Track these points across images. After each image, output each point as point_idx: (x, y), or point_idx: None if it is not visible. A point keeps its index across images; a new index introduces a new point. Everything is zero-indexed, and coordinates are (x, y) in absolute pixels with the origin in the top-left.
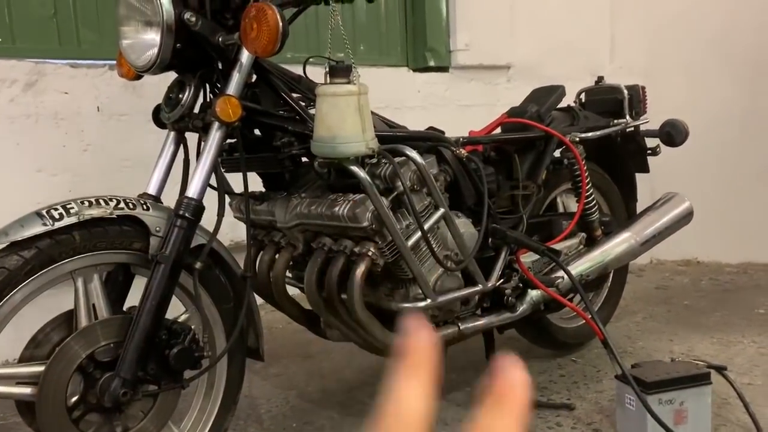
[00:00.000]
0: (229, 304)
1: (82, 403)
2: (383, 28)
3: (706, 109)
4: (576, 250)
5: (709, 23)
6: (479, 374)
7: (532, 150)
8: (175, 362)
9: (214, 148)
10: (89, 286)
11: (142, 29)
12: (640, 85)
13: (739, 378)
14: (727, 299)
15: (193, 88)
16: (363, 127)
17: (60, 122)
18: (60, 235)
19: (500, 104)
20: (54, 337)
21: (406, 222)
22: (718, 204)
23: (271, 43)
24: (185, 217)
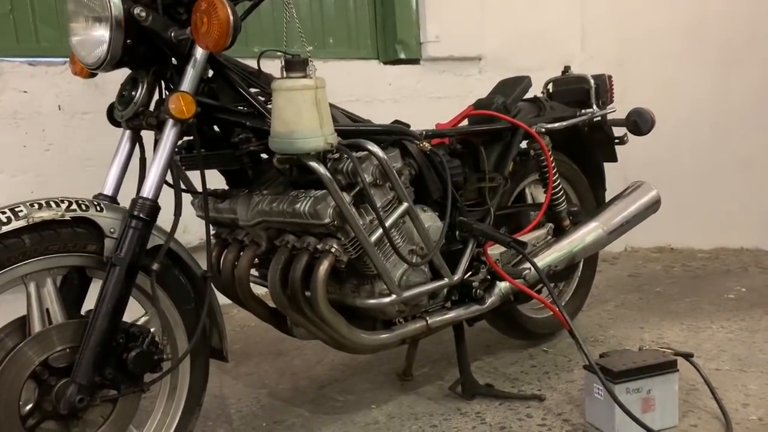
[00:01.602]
0: (190, 305)
1: (36, 410)
2: (352, 20)
3: (678, 98)
4: (544, 240)
5: (680, 12)
6: (452, 367)
7: (499, 142)
8: (133, 366)
9: (169, 146)
10: (42, 290)
11: (92, 25)
12: (606, 75)
13: (706, 363)
14: (698, 285)
15: (146, 85)
16: (321, 122)
17: (20, 122)
18: (8, 239)
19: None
20: (8, 343)
21: (369, 217)
22: (690, 190)
23: (222, 38)
24: (140, 218)
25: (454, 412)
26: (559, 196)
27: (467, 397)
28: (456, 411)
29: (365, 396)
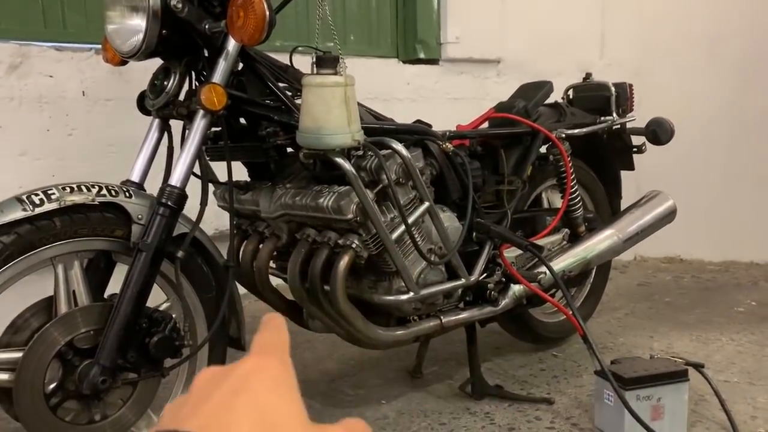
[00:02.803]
0: (210, 294)
1: (60, 390)
2: (374, 18)
3: (694, 108)
4: (559, 245)
5: (699, 23)
6: (461, 367)
7: (519, 145)
8: (155, 350)
9: (199, 136)
10: (69, 272)
11: (128, 14)
12: (627, 83)
13: (716, 375)
14: (708, 297)
15: (178, 76)
16: (349, 119)
17: (44, 106)
18: (40, 221)
19: (489, 98)
20: (33, 323)
21: (390, 215)
22: (702, 202)
23: (257, 32)
24: (168, 206)
25: (463, 411)
26: (576, 201)
27: (476, 397)
28: (465, 410)
29: (375, 391)
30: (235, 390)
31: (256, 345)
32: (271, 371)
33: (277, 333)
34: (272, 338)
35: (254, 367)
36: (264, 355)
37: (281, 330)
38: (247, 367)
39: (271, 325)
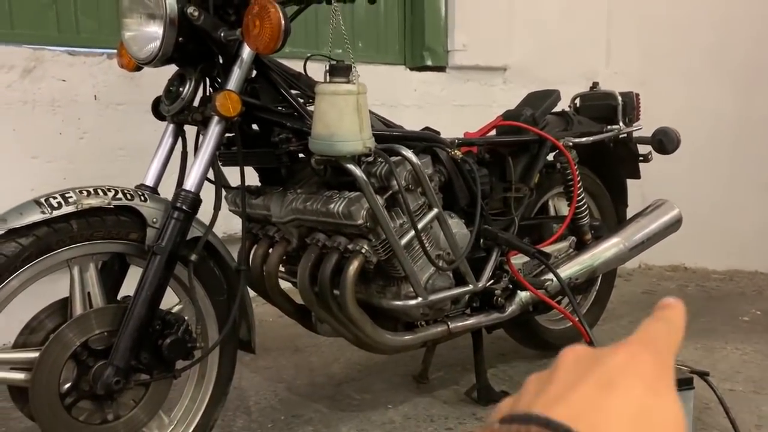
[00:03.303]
0: (222, 297)
1: (74, 390)
2: (382, 26)
3: (699, 117)
4: (566, 253)
5: (704, 32)
6: (467, 373)
7: (526, 153)
8: (167, 352)
9: (213, 142)
10: (85, 274)
11: (145, 22)
12: (634, 92)
13: (721, 384)
14: (713, 306)
15: (193, 82)
16: (361, 126)
17: (57, 109)
18: (58, 224)
19: (496, 105)
20: (48, 324)
21: (399, 221)
22: (707, 211)
23: (273, 41)
24: (182, 210)
25: (468, 417)
26: (582, 209)
27: (482, 403)
28: (471, 416)
29: (381, 396)
30: (607, 383)
31: (640, 332)
32: (647, 368)
33: (668, 325)
34: (660, 330)
35: (628, 359)
36: (640, 346)
37: (675, 322)
38: (619, 360)
39: (665, 314)
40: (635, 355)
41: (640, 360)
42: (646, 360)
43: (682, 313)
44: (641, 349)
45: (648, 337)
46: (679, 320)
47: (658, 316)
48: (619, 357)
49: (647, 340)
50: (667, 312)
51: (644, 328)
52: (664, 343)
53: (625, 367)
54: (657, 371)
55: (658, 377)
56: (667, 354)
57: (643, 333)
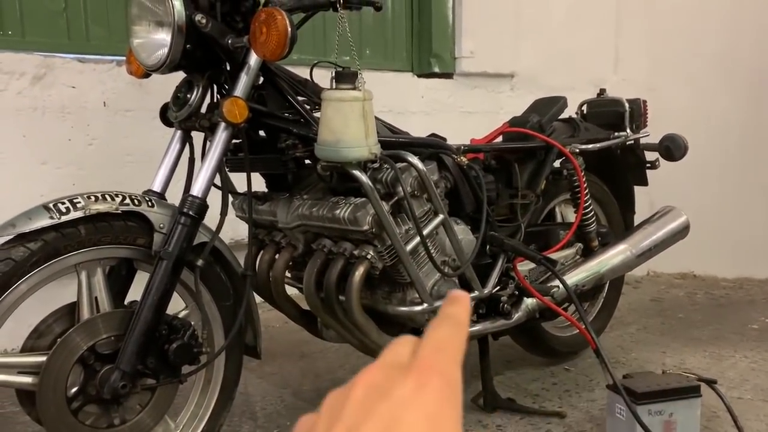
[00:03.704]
0: (228, 302)
1: (81, 394)
2: (389, 33)
3: (707, 124)
4: (572, 260)
5: (712, 38)
6: (473, 379)
7: (533, 160)
8: (174, 357)
9: (220, 148)
10: (92, 279)
11: (154, 29)
12: (641, 99)
13: (729, 392)
14: (722, 314)
15: (201, 89)
16: (366, 133)
17: (66, 116)
18: (66, 229)
19: (503, 112)
20: (56, 328)
21: (405, 227)
22: (716, 218)
23: (279, 48)
24: (189, 215)
25: (475, 424)
26: (589, 216)
27: (488, 410)
28: (477, 423)
29: None
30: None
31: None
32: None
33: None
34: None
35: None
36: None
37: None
38: (406, 391)
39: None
40: (423, 382)
41: (427, 387)
42: (433, 386)
43: (466, 308)
44: (429, 372)
45: (435, 350)
46: (464, 317)
47: (444, 314)
48: (407, 387)
49: (435, 356)
50: (453, 309)
51: (432, 335)
52: (451, 350)
53: (411, 400)
54: (442, 397)
55: (443, 405)
56: (453, 368)
57: (430, 344)
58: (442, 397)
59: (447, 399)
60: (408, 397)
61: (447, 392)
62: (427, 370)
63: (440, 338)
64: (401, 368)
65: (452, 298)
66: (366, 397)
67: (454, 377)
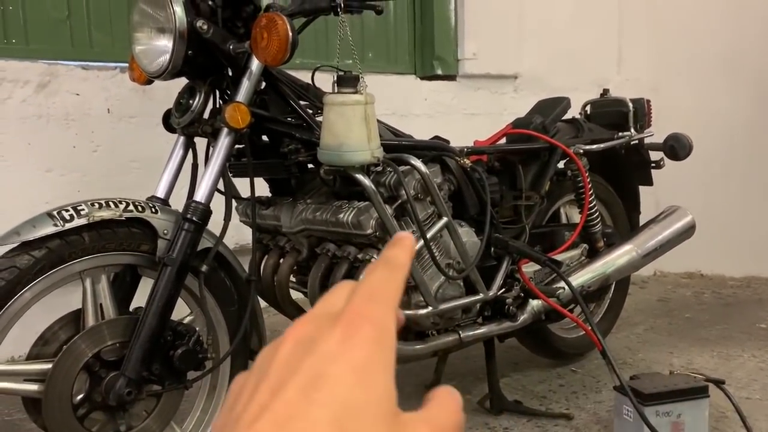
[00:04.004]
0: (233, 307)
1: (87, 401)
2: (391, 35)
3: (712, 123)
4: (578, 261)
5: (716, 38)
6: (479, 382)
7: (536, 161)
8: (179, 363)
9: (223, 153)
10: (97, 286)
11: (155, 36)
12: (645, 99)
13: (737, 392)
14: (729, 313)
15: (203, 94)
16: (369, 136)
17: (71, 123)
18: (70, 236)
19: (507, 113)
20: (61, 335)
21: (409, 230)
22: (723, 217)
23: (281, 53)
24: (193, 221)
25: (482, 427)
26: (594, 217)
27: (495, 413)
28: (484, 425)
29: None
30: (315, 379)
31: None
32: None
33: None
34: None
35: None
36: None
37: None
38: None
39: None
40: (350, 332)
41: (354, 338)
42: (361, 336)
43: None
44: (357, 321)
45: (367, 296)
46: (404, 259)
47: (384, 257)
48: (333, 340)
49: (366, 303)
50: (393, 251)
51: (366, 280)
52: (384, 296)
53: (337, 352)
54: (371, 347)
55: (372, 356)
56: (386, 314)
57: (363, 290)
58: (371, 347)
59: (376, 349)
60: (334, 350)
61: (377, 342)
62: (356, 320)
63: (374, 283)
64: (331, 318)
65: (395, 240)
66: (292, 352)
67: (385, 325)
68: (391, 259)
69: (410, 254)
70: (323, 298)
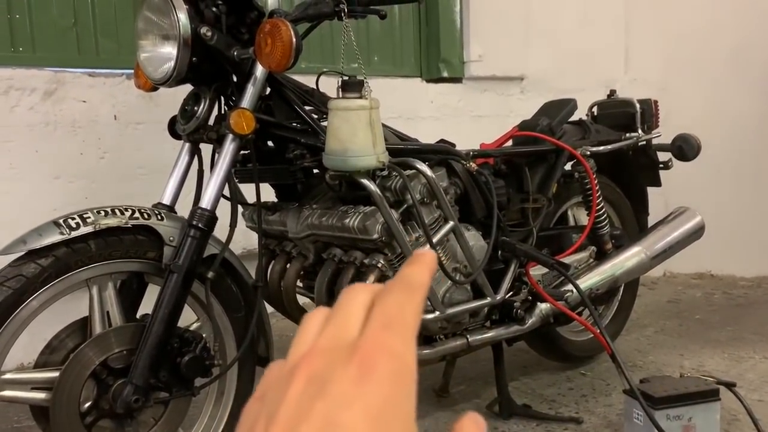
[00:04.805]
0: (240, 313)
1: (95, 408)
2: (397, 38)
3: (721, 123)
4: (586, 263)
5: (725, 36)
6: (488, 386)
7: (543, 163)
8: (186, 370)
9: (228, 159)
10: (104, 294)
11: (160, 43)
12: (652, 99)
13: (749, 394)
14: (740, 314)
15: (208, 101)
16: (374, 141)
17: (78, 130)
18: (76, 244)
19: (513, 115)
20: (69, 343)
21: (415, 234)
22: (733, 217)
23: (284, 59)
24: (198, 228)
25: (491, 431)
26: (602, 219)
27: (504, 417)
28: (493, 430)
29: None
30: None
31: (379, 315)
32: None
33: (408, 294)
34: (398, 303)
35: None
36: (376, 349)
37: (417, 283)
38: (347, 383)
39: (407, 274)
40: (367, 368)
41: (371, 377)
42: (379, 374)
43: (428, 267)
44: (375, 356)
45: (385, 324)
46: (423, 278)
47: (401, 276)
48: (348, 377)
49: (384, 333)
50: (411, 269)
51: (382, 303)
52: (402, 323)
53: (351, 395)
54: (390, 385)
55: (390, 397)
56: (405, 344)
57: (379, 313)
58: (390, 387)
59: (395, 389)
60: (348, 393)
61: (395, 380)
62: (372, 354)
63: (391, 309)
64: (345, 350)
65: (414, 257)
66: (304, 391)
67: (405, 358)
68: (409, 278)
69: (430, 273)
70: (335, 313)
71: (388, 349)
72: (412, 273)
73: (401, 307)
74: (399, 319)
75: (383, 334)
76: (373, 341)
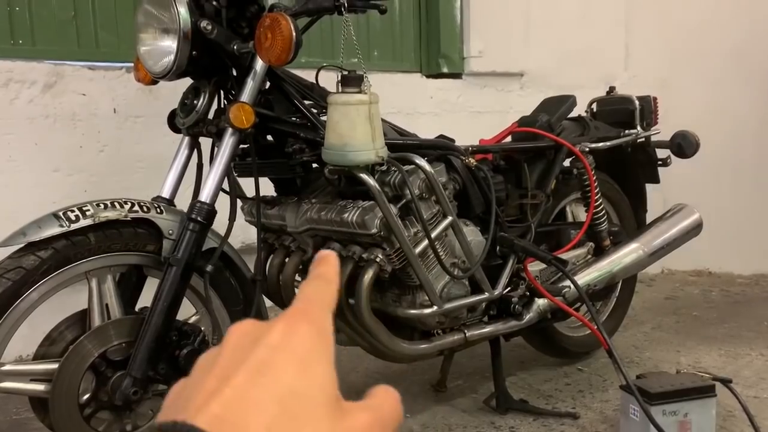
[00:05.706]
0: (238, 307)
1: (93, 400)
2: (397, 34)
3: (721, 121)
4: (584, 259)
5: (725, 33)
6: (485, 381)
7: (542, 159)
8: (184, 363)
9: (227, 153)
10: (103, 286)
11: (160, 36)
12: (651, 96)
13: (745, 391)
14: (737, 311)
15: (207, 95)
16: (373, 136)
17: (77, 123)
18: (76, 237)
19: (513, 111)
20: (68, 335)
21: (414, 229)
22: (731, 214)
23: (284, 53)
24: (197, 221)
25: (487, 426)
26: (600, 215)
27: (501, 412)
28: (490, 424)
29: None
30: (261, 368)
31: (299, 296)
32: (301, 340)
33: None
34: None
35: (284, 333)
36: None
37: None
38: (276, 336)
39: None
40: (292, 328)
41: (296, 332)
42: (302, 331)
43: (334, 266)
44: (298, 319)
45: (306, 300)
46: (333, 274)
47: (315, 274)
48: (276, 333)
49: (305, 305)
50: (322, 268)
51: (302, 291)
52: (320, 303)
53: (280, 344)
54: (311, 341)
55: (312, 348)
56: (323, 316)
57: (301, 297)
58: (312, 340)
59: (317, 344)
60: (278, 342)
61: (316, 338)
62: (297, 316)
63: (311, 292)
64: (271, 321)
65: (320, 258)
66: (237, 345)
67: (324, 325)
68: (322, 274)
69: (337, 269)
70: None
71: (309, 315)
72: (324, 270)
73: (320, 292)
74: (317, 300)
75: (305, 306)
76: (295, 310)
